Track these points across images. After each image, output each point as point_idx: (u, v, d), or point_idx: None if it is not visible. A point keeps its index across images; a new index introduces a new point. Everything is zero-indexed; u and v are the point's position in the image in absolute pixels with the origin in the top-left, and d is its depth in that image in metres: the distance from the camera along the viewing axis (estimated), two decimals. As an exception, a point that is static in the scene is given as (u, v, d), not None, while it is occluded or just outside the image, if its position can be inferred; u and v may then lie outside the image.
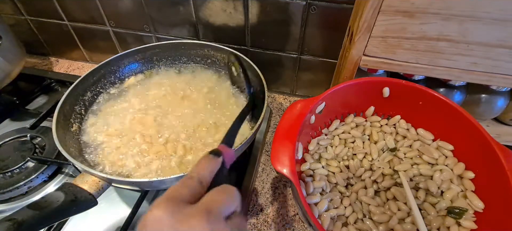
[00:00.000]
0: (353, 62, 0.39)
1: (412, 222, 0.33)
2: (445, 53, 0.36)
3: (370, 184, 0.37)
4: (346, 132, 0.42)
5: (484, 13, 0.31)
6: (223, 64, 0.53)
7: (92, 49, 0.67)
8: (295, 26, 0.49)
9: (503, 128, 0.48)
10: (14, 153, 0.47)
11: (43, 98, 0.60)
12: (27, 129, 0.49)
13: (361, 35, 0.36)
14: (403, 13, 0.33)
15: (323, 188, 0.36)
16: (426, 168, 0.37)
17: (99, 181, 0.32)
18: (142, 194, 0.41)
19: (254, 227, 0.41)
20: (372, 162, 0.39)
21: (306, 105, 0.36)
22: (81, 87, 0.45)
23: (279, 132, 0.33)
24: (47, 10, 0.60)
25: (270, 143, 0.52)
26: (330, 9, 0.45)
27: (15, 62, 0.55)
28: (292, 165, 0.30)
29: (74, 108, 0.44)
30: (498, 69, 0.36)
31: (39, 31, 0.66)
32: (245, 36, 0.53)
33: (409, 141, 0.40)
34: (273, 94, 0.63)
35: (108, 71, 0.49)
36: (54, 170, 0.46)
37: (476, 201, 0.32)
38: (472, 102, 0.45)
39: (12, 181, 0.43)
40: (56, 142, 0.35)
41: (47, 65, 0.70)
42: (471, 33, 0.33)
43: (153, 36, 0.59)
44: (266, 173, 0.47)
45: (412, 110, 0.40)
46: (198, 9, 0.51)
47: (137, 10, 0.54)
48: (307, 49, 0.52)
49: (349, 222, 0.34)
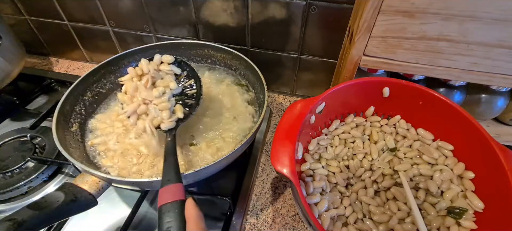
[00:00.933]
0: (353, 62, 0.39)
1: (412, 222, 0.33)
2: (445, 53, 0.36)
3: (370, 184, 0.37)
4: (346, 132, 0.42)
5: (484, 13, 0.31)
6: (223, 64, 0.53)
7: (92, 49, 0.67)
8: (295, 26, 0.49)
9: (503, 128, 0.48)
10: (14, 153, 0.47)
11: (43, 98, 0.60)
12: (27, 129, 0.49)
13: (361, 35, 0.36)
14: (403, 13, 0.33)
15: (323, 188, 0.36)
16: (426, 168, 0.37)
17: (99, 181, 0.32)
18: (142, 194, 0.41)
19: (254, 227, 0.41)
20: (372, 162, 0.39)
21: (306, 105, 0.36)
22: (81, 87, 0.45)
23: (279, 132, 0.33)
24: (47, 10, 0.60)
25: (270, 143, 0.52)
26: (330, 9, 0.45)
27: (15, 62, 0.55)
28: (292, 165, 0.30)
29: (74, 108, 0.44)
30: (498, 69, 0.36)
31: (39, 31, 0.66)
32: (245, 36, 0.53)
33: (409, 141, 0.40)
34: (273, 94, 0.63)
35: (108, 71, 0.49)
36: (54, 170, 0.46)
37: (476, 201, 0.32)
38: (472, 102, 0.45)
39: (12, 181, 0.43)
40: (56, 142, 0.35)
41: (47, 65, 0.70)
42: (471, 33, 0.33)
43: (153, 36, 0.59)
44: (266, 173, 0.47)
45: (412, 110, 0.40)
46: (198, 9, 0.51)
47: (137, 10, 0.54)
48: (307, 49, 0.52)
49: (349, 222, 0.34)
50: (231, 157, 0.35)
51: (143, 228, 0.40)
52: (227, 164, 0.37)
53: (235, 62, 0.51)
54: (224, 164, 0.36)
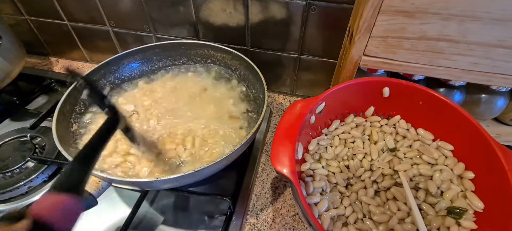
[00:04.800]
0: (353, 62, 0.39)
1: (412, 222, 0.33)
2: (445, 53, 0.36)
3: (370, 184, 0.37)
4: (346, 132, 0.42)
5: (484, 13, 0.31)
6: (223, 64, 0.53)
7: (92, 49, 0.67)
8: (295, 26, 0.49)
9: (503, 128, 0.48)
10: (14, 153, 0.47)
11: (43, 98, 0.60)
12: (27, 129, 0.49)
13: (361, 35, 0.36)
14: (403, 13, 0.33)
15: (323, 188, 0.36)
16: (426, 168, 0.37)
17: (99, 181, 0.32)
18: (142, 194, 0.41)
19: (254, 227, 0.41)
20: (372, 162, 0.39)
21: (306, 105, 0.36)
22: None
23: (279, 132, 0.33)
24: (47, 10, 0.60)
25: (270, 143, 0.52)
26: (330, 9, 0.45)
27: (15, 62, 0.55)
28: (292, 165, 0.30)
29: (74, 108, 0.44)
30: (498, 69, 0.36)
31: (39, 31, 0.66)
32: (245, 36, 0.53)
33: (409, 141, 0.40)
34: (273, 94, 0.63)
35: (108, 71, 0.49)
36: (54, 170, 0.46)
37: (476, 201, 0.32)
38: (472, 102, 0.45)
39: (12, 181, 0.43)
40: (56, 142, 0.35)
41: (47, 65, 0.70)
42: (471, 33, 0.33)
43: (153, 36, 0.59)
44: (266, 173, 0.47)
45: (412, 110, 0.40)
46: (198, 9, 0.51)
47: (137, 10, 0.54)
48: (307, 49, 0.52)
49: (349, 222, 0.34)
50: (231, 157, 0.35)
51: (143, 228, 0.40)
52: (227, 164, 0.37)
53: (235, 62, 0.51)
54: (224, 164, 0.36)
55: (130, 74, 0.52)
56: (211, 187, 0.45)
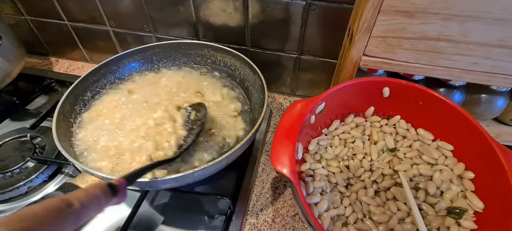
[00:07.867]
0: (353, 62, 0.39)
1: (412, 222, 0.33)
2: (445, 53, 0.36)
3: (370, 184, 0.37)
4: (346, 132, 0.42)
5: (484, 13, 0.31)
6: (223, 64, 0.53)
7: (92, 49, 0.67)
8: (295, 26, 0.49)
9: (503, 128, 0.48)
10: (14, 153, 0.47)
11: (43, 98, 0.60)
12: (27, 129, 0.50)
13: (361, 35, 0.36)
14: (403, 13, 0.33)
15: (323, 188, 0.36)
16: (426, 168, 0.37)
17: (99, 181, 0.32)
18: (142, 194, 0.41)
19: (254, 227, 0.41)
20: (372, 162, 0.39)
21: (306, 105, 0.36)
22: (81, 87, 0.45)
23: (279, 132, 0.33)
24: (47, 10, 0.60)
25: (270, 143, 0.52)
26: (330, 9, 0.45)
27: (15, 62, 0.55)
28: (292, 165, 0.30)
29: (74, 109, 0.44)
30: (498, 69, 0.36)
31: (39, 31, 0.66)
32: (245, 36, 0.53)
33: (409, 141, 0.40)
34: (273, 94, 0.63)
35: (108, 71, 0.49)
36: (54, 170, 0.46)
37: (476, 201, 0.32)
38: (472, 102, 0.45)
39: (12, 181, 0.43)
40: (56, 142, 0.35)
41: (47, 65, 0.70)
42: (471, 33, 0.33)
43: (153, 36, 0.59)
44: (266, 173, 0.47)
45: (412, 110, 0.40)
46: (198, 9, 0.51)
47: (137, 10, 0.54)
48: (307, 49, 0.52)
49: (349, 222, 0.34)
50: (231, 157, 0.35)
51: (143, 228, 0.40)
52: (227, 164, 0.37)
53: (235, 62, 0.51)
54: (224, 164, 0.36)
55: (130, 74, 0.52)
56: (211, 187, 0.45)
